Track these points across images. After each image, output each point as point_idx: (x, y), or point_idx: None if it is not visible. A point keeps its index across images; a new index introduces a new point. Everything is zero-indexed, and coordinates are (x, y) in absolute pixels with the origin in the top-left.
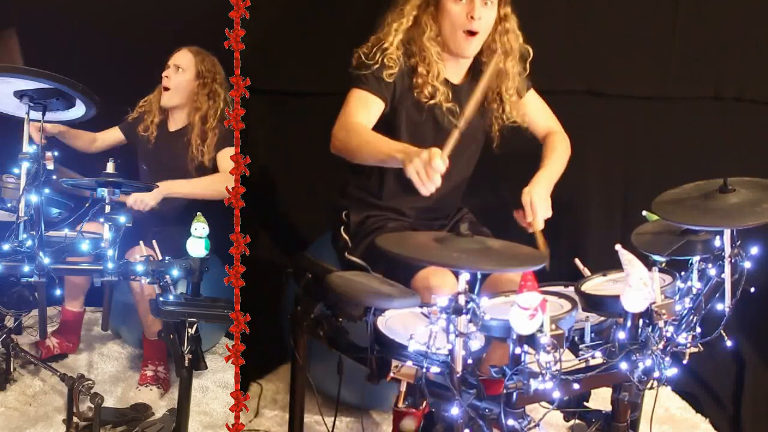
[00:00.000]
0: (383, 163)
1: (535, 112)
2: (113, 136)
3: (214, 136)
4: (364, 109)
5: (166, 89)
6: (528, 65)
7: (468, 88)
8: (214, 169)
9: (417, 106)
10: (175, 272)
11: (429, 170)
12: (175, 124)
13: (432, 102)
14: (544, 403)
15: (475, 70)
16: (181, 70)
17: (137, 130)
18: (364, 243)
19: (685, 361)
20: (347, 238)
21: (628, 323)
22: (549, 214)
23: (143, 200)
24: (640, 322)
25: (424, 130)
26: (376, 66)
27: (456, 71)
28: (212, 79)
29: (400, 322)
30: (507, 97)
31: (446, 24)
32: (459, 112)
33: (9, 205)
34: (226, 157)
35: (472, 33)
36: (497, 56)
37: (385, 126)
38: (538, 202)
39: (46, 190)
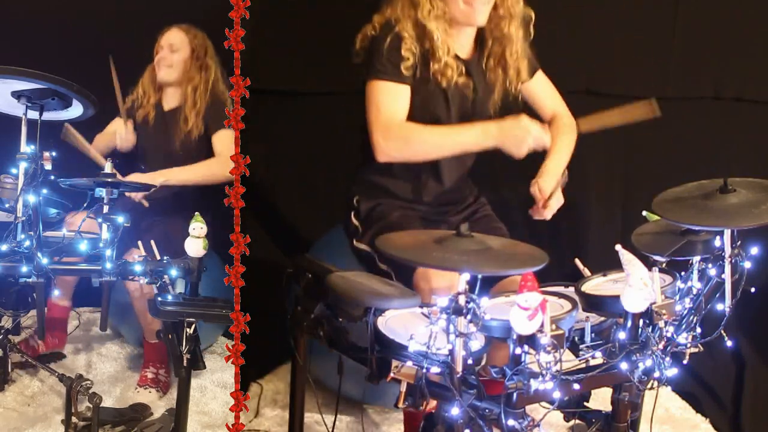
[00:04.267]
0: (462, 153)
1: (542, 94)
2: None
3: (203, 103)
4: (396, 103)
5: (167, 66)
6: (532, 29)
7: (477, 62)
8: (207, 148)
9: (429, 84)
10: (174, 272)
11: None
12: (168, 103)
13: (444, 79)
14: (544, 404)
15: (480, 42)
16: (175, 49)
17: (136, 114)
18: (372, 231)
19: (685, 361)
20: (357, 224)
21: (629, 323)
22: (561, 201)
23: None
24: (641, 322)
25: (435, 108)
26: (394, 56)
27: (463, 44)
28: (204, 53)
29: (400, 322)
30: (512, 62)
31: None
32: (472, 86)
33: (7, 205)
34: (221, 139)
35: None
36: None
37: None
38: (546, 188)
39: (44, 191)
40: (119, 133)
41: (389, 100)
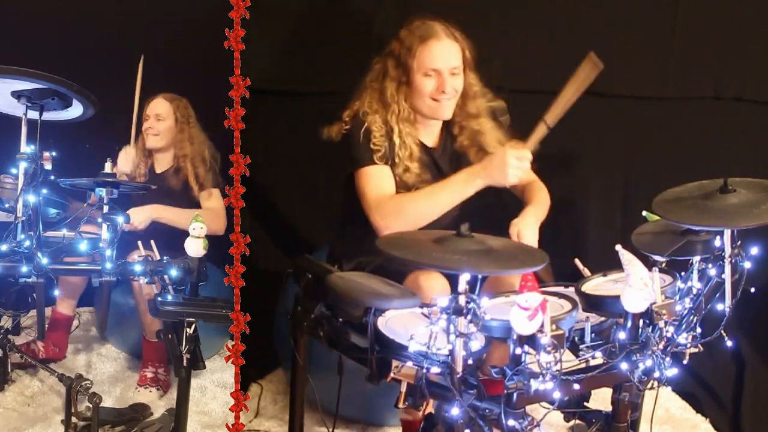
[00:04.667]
0: (458, 201)
1: None
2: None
3: (206, 172)
4: (382, 182)
5: (155, 135)
6: (502, 119)
7: (443, 151)
8: (197, 204)
9: (395, 172)
10: (174, 272)
11: (524, 164)
12: (160, 166)
13: (408, 170)
14: (544, 404)
15: (447, 133)
16: (161, 119)
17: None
18: None
19: (685, 362)
20: None
21: (629, 323)
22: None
23: (133, 222)
24: (641, 322)
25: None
26: (367, 146)
27: (430, 133)
28: (187, 123)
29: (401, 322)
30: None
31: (418, 97)
32: (434, 176)
33: (7, 205)
34: (207, 197)
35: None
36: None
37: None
38: (525, 232)
39: (44, 191)
40: (125, 152)
41: (375, 181)
